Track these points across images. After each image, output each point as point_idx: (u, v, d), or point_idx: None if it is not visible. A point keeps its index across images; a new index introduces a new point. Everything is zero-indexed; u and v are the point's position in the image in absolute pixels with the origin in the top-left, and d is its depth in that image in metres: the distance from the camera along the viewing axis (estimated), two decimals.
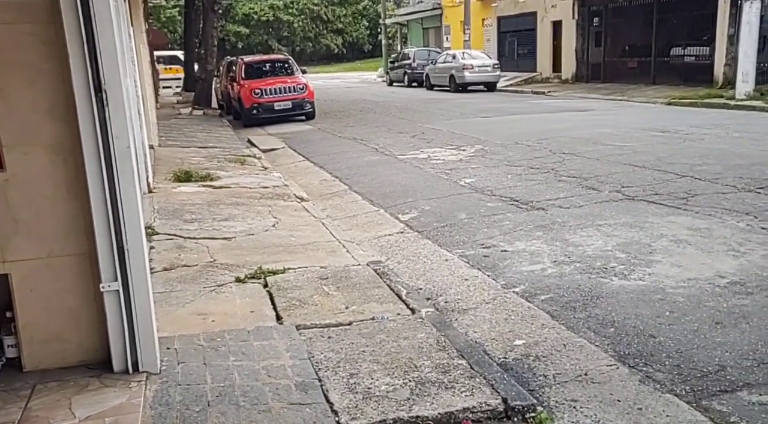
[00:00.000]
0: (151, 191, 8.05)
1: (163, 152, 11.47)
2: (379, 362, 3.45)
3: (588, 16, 24.35)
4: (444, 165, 9.60)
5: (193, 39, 23.67)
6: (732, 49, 17.34)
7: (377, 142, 12.39)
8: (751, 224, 5.69)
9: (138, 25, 10.31)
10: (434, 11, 38.17)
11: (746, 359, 3.43)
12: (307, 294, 4.49)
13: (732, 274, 4.60)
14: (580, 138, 11.08)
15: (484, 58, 25.81)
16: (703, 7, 18.76)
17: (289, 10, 59.78)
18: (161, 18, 50.76)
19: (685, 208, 6.32)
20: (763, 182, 7.13)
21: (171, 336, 3.77)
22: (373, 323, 3.98)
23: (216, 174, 9.26)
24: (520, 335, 3.93)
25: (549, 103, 19.40)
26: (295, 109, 17.27)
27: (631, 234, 5.65)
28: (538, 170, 8.64)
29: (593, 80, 23.88)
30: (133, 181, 3.09)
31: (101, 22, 2.87)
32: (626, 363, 3.49)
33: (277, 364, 3.44)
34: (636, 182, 7.52)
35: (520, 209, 6.75)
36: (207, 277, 4.88)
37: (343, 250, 5.61)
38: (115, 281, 3.17)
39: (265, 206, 7.31)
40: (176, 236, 6.03)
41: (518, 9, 28.87)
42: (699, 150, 9.38)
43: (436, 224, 6.48)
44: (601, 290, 4.48)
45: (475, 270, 5.12)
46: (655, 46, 21.16)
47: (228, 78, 19.45)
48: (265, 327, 3.93)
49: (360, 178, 9.12)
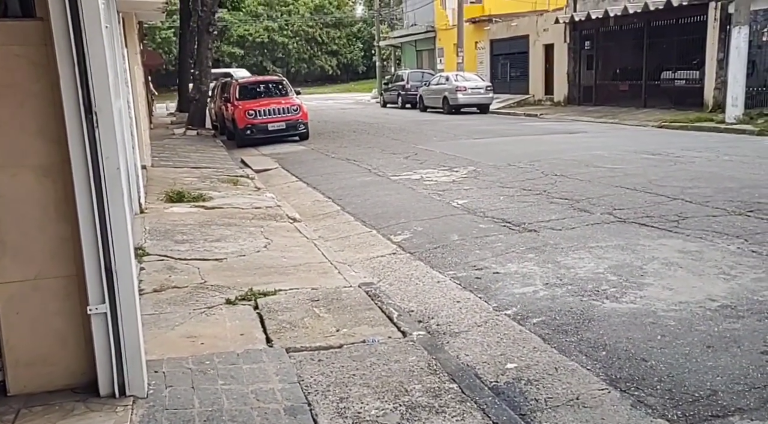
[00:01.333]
0: (142, 212, 8.02)
1: (155, 172, 11.45)
2: (369, 386, 3.42)
3: (579, 40, 24.66)
4: (437, 186, 9.62)
5: (187, 60, 23.80)
6: (721, 74, 17.57)
7: (370, 163, 12.42)
8: (741, 247, 5.71)
9: (132, 46, 10.36)
10: (428, 34, 38.58)
11: (737, 384, 3.41)
12: (298, 316, 4.46)
13: (723, 297, 4.60)
14: (572, 160, 11.14)
15: (477, 80, 26.05)
16: (692, 31, 19.04)
17: (284, 32, 60.31)
18: (156, 39, 51.15)
19: (676, 231, 6.34)
20: (753, 205, 7.17)
21: (159, 359, 3.72)
22: (364, 346, 3.94)
23: (208, 194, 9.25)
24: (511, 359, 3.90)
25: (541, 125, 19.55)
26: (289, 130, 17.33)
27: (623, 256, 5.66)
28: (531, 192, 8.67)
29: (585, 103, 24.11)
30: (122, 203, 3.07)
31: (93, 44, 2.88)
32: (618, 387, 3.47)
33: (266, 388, 3.40)
34: (628, 205, 7.56)
35: (513, 231, 6.75)
36: (197, 299, 4.84)
37: (335, 271, 5.59)
38: (102, 304, 3.13)
39: (258, 227, 7.29)
40: (167, 256, 6.00)
41: (510, 32, 29.22)
42: (690, 173, 9.44)
43: (428, 246, 6.47)
44: (593, 313, 4.47)
45: (467, 292, 5.10)
46: (645, 69, 21.42)
47: (222, 98, 19.53)
48: (254, 350, 3.90)
49: (353, 199, 9.13)
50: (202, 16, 19.64)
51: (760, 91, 16.74)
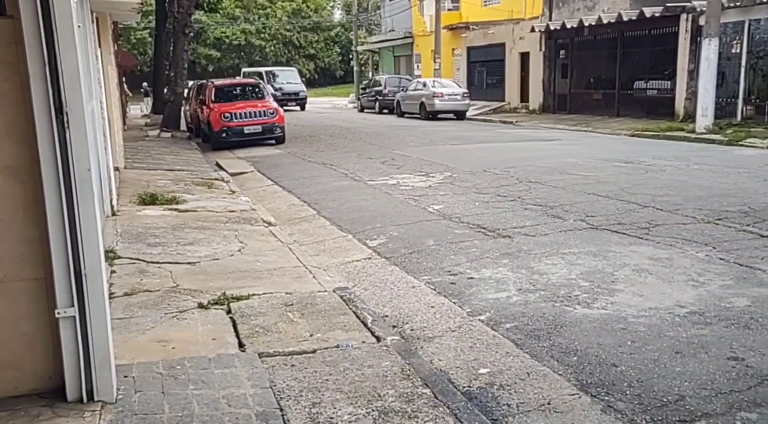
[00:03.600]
0: (114, 214, 7.90)
1: (128, 174, 11.30)
2: (342, 391, 3.41)
3: (555, 49, 24.97)
4: (413, 191, 9.65)
5: (163, 61, 23.56)
6: (692, 84, 17.94)
7: (347, 168, 12.42)
8: (709, 255, 5.82)
9: (106, 46, 10.22)
10: (405, 40, 38.74)
11: (705, 389, 3.48)
12: (271, 321, 4.43)
13: (691, 304, 4.68)
14: (546, 167, 11.27)
15: (454, 86, 26.21)
16: (664, 42, 19.42)
17: (261, 35, 60.06)
18: (131, 39, 50.55)
19: (646, 238, 6.44)
20: (721, 214, 7.33)
21: (129, 364, 3.67)
22: (337, 351, 3.93)
23: (182, 197, 9.15)
24: (484, 364, 3.93)
25: (516, 132, 19.74)
26: (265, 134, 17.26)
27: (595, 263, 5.74)
28: (506, 198, 8.75)
29: (559, 111, 24.40)
30: (93, 205, 3.03)
31: (64, 43, 2.84)
32: (588, 392, 3.51)
33: (237, 393, 3.37)
34: (600, 212, 7.66)
35: (487, 237, 6.80)
36: (169, 303, 4.79)
37: (310, 276, 5.57)
38: (71, 307, 3.08)
39: (232, 231, 7.24)
40: (139, 260, 5.92)
41: (487, 40, 29.47)
42: (660, 181, 9.61)
43: (404, 250, 6.48)
44: (565, 319, 4.52)
45: (442, 297, 5.12)
46: (619, 79, 21.77)
47: (197, 101, 19.37)
48: (226, 355, 3.86)
49: (329, 203, 9.11)
50: (178, 18, 19.47)
51: (729, 102, 17.12)
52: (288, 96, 34.17)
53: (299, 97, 35.32)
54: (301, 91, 35.67)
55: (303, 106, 35.13)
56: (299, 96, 35.32)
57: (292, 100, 34.54)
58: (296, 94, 35.25)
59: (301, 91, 35.85)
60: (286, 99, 33.09)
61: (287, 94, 34.28)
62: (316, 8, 63.99)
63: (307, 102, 36.27)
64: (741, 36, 16.80)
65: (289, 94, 34.61)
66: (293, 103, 34.36)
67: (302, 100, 35.37)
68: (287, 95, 34.18)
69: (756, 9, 16.19)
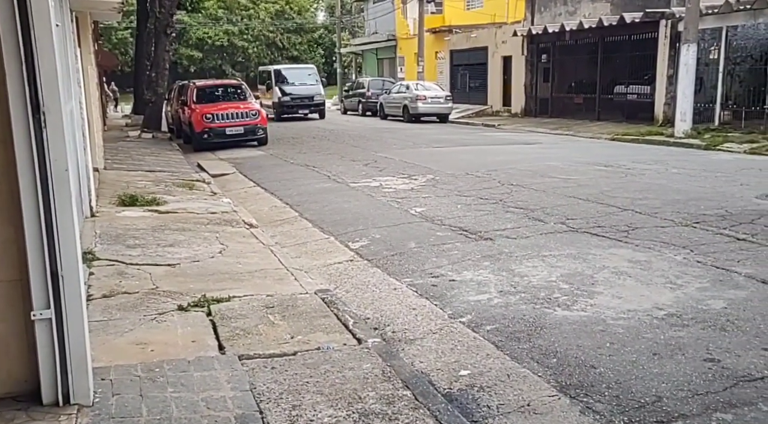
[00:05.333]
0: (93, 215, 7.81)
1: (108, 175, 11.18)
2: (322, 394, 3.40)
3: (537, 53, 25.16)
4: (395, 194, 9.66)
5: (144, 61, 23.33)
6: (671, 89, 18.17)
7: (330, 170, 12.40)
8: (687, 258, 5.90)
9: (86, 45, 10.11)
10: (389, 42, 38.81)
11: (681, 390, 3.52)
12: (251, 323, 4.40)
13: (669, 306, 4.74)
14: (527, 170, 11.34)
15: (437, 89, 26.31)
16: (644, 48, 19.65)
17: (244, 36, 59.73)
18: (112, 39, 50.04)
19: (626, 241, 6.51)
20: (698, 217, 7.43)
21: (107, 366, 3.63)
22: (318, 353, 3.92)
23: (163, 199, 9.07)
24: (465, 366, 3.94)
25: (499, 135, 19.86)
26: (248, 135, 17.19)
27: (575, 265, 5.78)
28: (487, 201, 8.79)
29: (541, 115, 24.59)
30: (70, 206, 2.99)
31: (42, 42, 2.80)
32: (568, 394, 3.54)
33: (217, 395, 3.35)
34: (580, 215, 7.73)
35: (469, 239, 6.83)
36: (148, 305, 4.74)
37: (291, 278, 5.54)
38: (47, 309, 3.04)
39: (213, 232, 7.19)
40: (118, 261, 5.85)
41: (470, 43, 29.63)
42: (640, 185, 9.72)
43: (386, 253, 6.48)
44: (545, 321, 4.55)
45: (423, 299, 5.13)
46: (599, 83, 21.99)
47: (179, 102, 19.24)
48: (206, 357, 3.83)
49: (311, 205, 9.09)
50: (159, 18, 19.31)
51: (707, 107, 17.37)
52: (299, 101, 27.26)
53: (314, 103, 27.68)
54: (316, 95, 27.80)
55: (322, 113, 27.94)
56: (314, 100, 27.65)
57: (305, 107, 27.46)
58: (310, 98, 27.55)
59: (317, 94, 27.88)
60: (296, 105, 27.13)
61: (298, 99, 27.21)
62: (300, 10, 63.80)
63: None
64: (719, 42, 17.06)
65: (301, 99, 27.30)
66: (306, 111, 27.51)
67: (319, 107, 27.81)
68: (298, 100, 27.21)
69: (733, 16, 16.46)
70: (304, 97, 27.32)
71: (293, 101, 26.97)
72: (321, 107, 27.88)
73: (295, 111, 27.08)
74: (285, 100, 27.03)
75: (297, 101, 27.11)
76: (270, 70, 29.13)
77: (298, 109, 27.16)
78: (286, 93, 27.12)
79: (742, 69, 17.35)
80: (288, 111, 27.01)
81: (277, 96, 27.04)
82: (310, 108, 27.52)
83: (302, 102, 27.29)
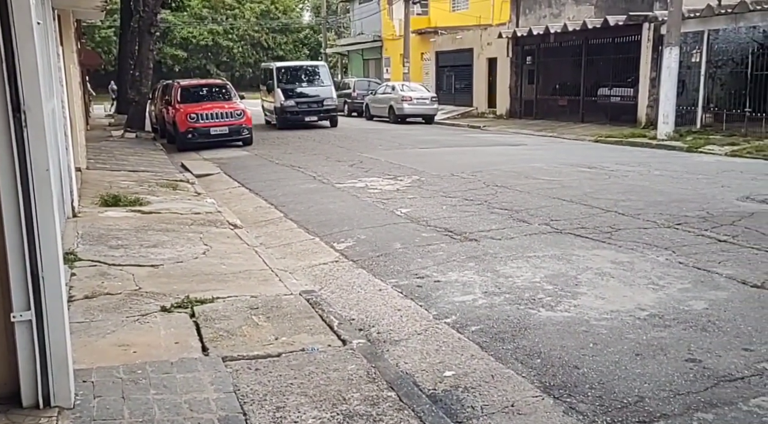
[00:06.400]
0: (75, 216, 7.73)
1: (91, 175, 11.07)
2: (307, 395, 3.39)
3: (521, 55, 25.30)
4: (381, 194, 9.66)
5: (128, 61, 23.11)
6: (654, 92, 18.36)
7: (315, 170, 12.37)
8: (669, 259, 5.96)
9: (68, 44, 10.01)
10: (374, 43, 38.82)
11: (663, 391, 3.55)
12: (235, 324, 4.38)
13: (651, 307, 4.78)
14: (512, 172, 11.40)
15: (422, 91, 26.36)
16: (627, 50, 19.83)
17: (229, 35, 59.47)
18: (96, 38, 49.55)
19: (609, 242, 6.57)
20: (680, 218, 7.51)
21: (88, 368, 3.59)
22: (302, 355, 3.91)
23: (146, 199, 9.00)
24: (450, 366, 3.95)
25: (484, 137, 19.94)
26: (232, 135, 17.11)
27: (559, 266, 5.82)
28: (472, 202, 8.82)
29: (526, 116, 24.72)
30: (51, 206, 2.95)
31: (22, 40, 2.77)
32: (551, 394, 3.56)
33: (200, 397, 3.32)
34: (564, 216, 7.78)
35: (454, 240, 6.84)
36: (131, 306, 4.70)
37: (276, 279, 5.52)
38: (27, 311, 3.00)
39: (196, 233, 7.14)
40: (100, 262, 5.79)
41: (456, 45, 29.73)
42: (623, 186, 9.81)
43: (371, 254, 6.48)
44: (529, 322, 4.58)
45: (409, 300, 5.13)
46: (583, 85, 22.16)
47: (163, 101, 19.10)
48: (189, 359, 3.80)
49: (296, 206, 9.06)
50: (143, 17, 19.15)
51: (689, 109, 17.57)
52: (306, 106, 22.37)
53: (324, 108, 22.65)
54: (327, 99, 22.74)
55: (334, 120, 23.07)
56: (324, 105, 22.62)
57: (313, 113, 22.51)
58: (319, 102, 22.54)
59: (328, 97, 22.82)
60: (302, 111, 22.28)
61: (304, 103, 22.35)
62: (285, 10, 63.65)
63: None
64: (701, 46, 17.27)
65: (309, 103, 22.38)
66: (314, 117, 22.65)
67: (330, 113, 22.86)
68: (305, 105, 22.35)
69: (715, 20, 16.66)
70: (311, 102, 22.44)
71: (299, 106, 22.26)
72: (332, 113, 23.03)
73: (301, 118, 22.26)
74: (289, 105, 22.18)
75: (303, 106, 22.32)
76: (272, 68, 23.68)
77: (304, 116, 22.34)
78: (290, 95, 22.33)
79: (724, 72, 17.58)
80: (292, 118, 22.19)
81: (279, 100, 22.25)
82: (319, 114, 22.65)
83: (310, 107, 22.43)
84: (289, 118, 22.26)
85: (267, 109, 23.87)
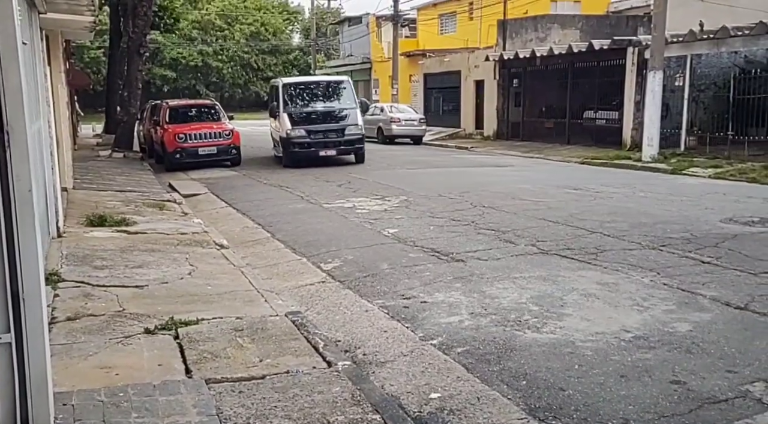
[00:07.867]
0: (60, 236, 7.66)
1: (77, 195, 11.00)
2: (291, 418, 3.36)
3: (508, 78, 25.58)
4: (369, 215, 9.67)
5: (116, 81, 23.16)
6: (639, 115, 18.59)
7: (303, 190, 12.38)
8: (654, 280, 6.00)
9: (56, 64, 10.01)
10: (364, 65, 39.18)
11: (648, 413, 3.55)
12: (220, 346, 4.34)
13: (636, 328, 4.80)
14: (499, 193, 11.46)
15: (411, 112, 26.56)
16: (612, 74, 20.12)
17: (219, 56, 59.73)
18: (85, 58, 49.59)
19: (594, 263, 6.60)
20: (665, 240, 7.57)
21: (69, 391, 3.53)
22: (287, 377, 3.88)
23: (132, 219, 8.94)
24: (435, 388, 3.93)
25: (471, 158, 20.06)
26: (220, 155, 17.09)
27: (545, 287, 5.83)
28: (459, 222, 8.84)
29: (513, 138, 24.92)
30: (33, 227, 2.93)
31: (7, 60, 2.77)
32: (536, 417, 3.55)
33: (182, 421, 3.28)
34: (550, 237, 7.82)
35: (441, 261, 6.85)
36: (114, 327, 4.65)
37: (262, 300, 5.49)
38: (7, 333, 2.95)
39: (182, 253, 7.10)
40: (84, 283, 5.74)
41: (443, 67, 30.04)
42: (608, 208, 9.89)
43: (358, 274, 6.47)
44: (515, 343, 4.57)
45: (395, 321, 5.12)
46: (569, 108, 22.41)
47: (152, 121, 19.09)
48: (172, 381, 3.76)
49: (283, 226, 9.04)
50: (132, 38, 19.23)
51: (673, 132, 17.80)
52: (322, 136, 16.83)
53: (346, 139, 17.04)
54: (350, 126, 17.14)
55: (360, 154, 17.37)
56: (346, 135, 17.03)
57: (331, 146, 16.91)
58: (339, 131, 17.03)
59: (352, 125, 17.19)
60: (315, 142, 16.73)
61: (320, 133, 16.82)
62: (275, 31, 64.07)
63: (266, 124, 21.43)
64: (684, 70, 17.55)
65: (325, 133, 16.87)
66: (332, 151, 16.95)
67: (355, 144, 17.18)
68: (320, 134, 16.80)
69: (698, 44, 16.97)
70: (328, 130, 16.94)
71: (311, 136, 16.73)
72: (358, 145, 17.23)
73: (315, 153, 16.74)
74: (297, 134, 16.64)
75: (317, 136, 16.78)
76: (278, 85, 17.94)
77: (318, 150, 16.77)
78: (298, 122, 16.84)
79: (707, 96, 17.87)
80: (302, 153, 16.76)
81: (285, 127, 16.80)
82: (338, 146, 17.00)
83: (326, 137, 16.87)
84: (297, 152, 16.75)
85: (274, 140, 18.45)
